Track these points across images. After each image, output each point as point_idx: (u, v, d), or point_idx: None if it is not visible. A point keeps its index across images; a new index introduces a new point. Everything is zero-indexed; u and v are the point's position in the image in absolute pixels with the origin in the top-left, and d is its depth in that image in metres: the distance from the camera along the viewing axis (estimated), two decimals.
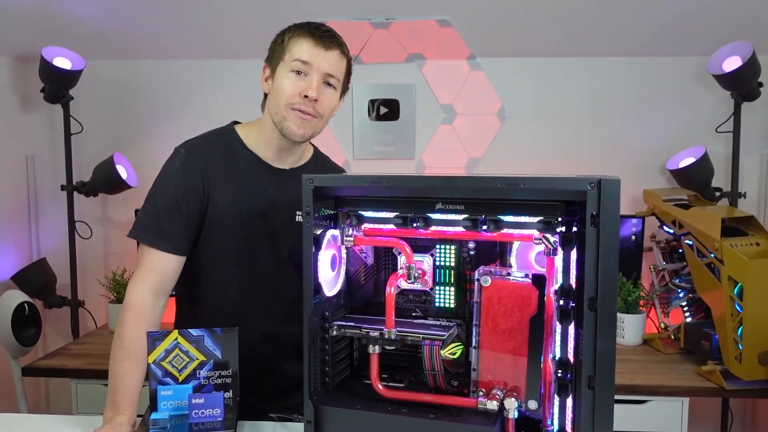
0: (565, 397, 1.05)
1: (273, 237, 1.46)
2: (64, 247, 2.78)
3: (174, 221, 1.38)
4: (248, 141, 1.48)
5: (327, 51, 1.38)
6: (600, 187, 0.95)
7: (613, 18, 2.50)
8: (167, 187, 1.40)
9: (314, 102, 1.38)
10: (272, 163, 1.48)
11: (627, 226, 2.60)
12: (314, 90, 1.37)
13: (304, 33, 1.38)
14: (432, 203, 1.11)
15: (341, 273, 1.23)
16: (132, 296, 1.36)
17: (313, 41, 1.37)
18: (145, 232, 1.38)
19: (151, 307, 1.37)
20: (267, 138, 1.47)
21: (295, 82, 1.38)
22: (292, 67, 1.37)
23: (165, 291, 1.40)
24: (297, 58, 1.37)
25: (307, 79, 1.38)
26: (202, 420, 1.22)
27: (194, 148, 1.45)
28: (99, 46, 2.70)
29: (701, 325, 2.32)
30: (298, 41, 1.38)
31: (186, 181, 1.40)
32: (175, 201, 1.38)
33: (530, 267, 1.15)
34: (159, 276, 1.38)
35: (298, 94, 1.37)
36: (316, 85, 1.37)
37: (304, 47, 1.37)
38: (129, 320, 1.34)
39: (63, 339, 2.88)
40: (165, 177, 1.42)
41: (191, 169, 1.41)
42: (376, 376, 1.14)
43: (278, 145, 1.47)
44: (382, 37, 2.68)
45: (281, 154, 1.48)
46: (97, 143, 2.83)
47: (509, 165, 2.79)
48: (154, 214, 1.38)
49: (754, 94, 2.54)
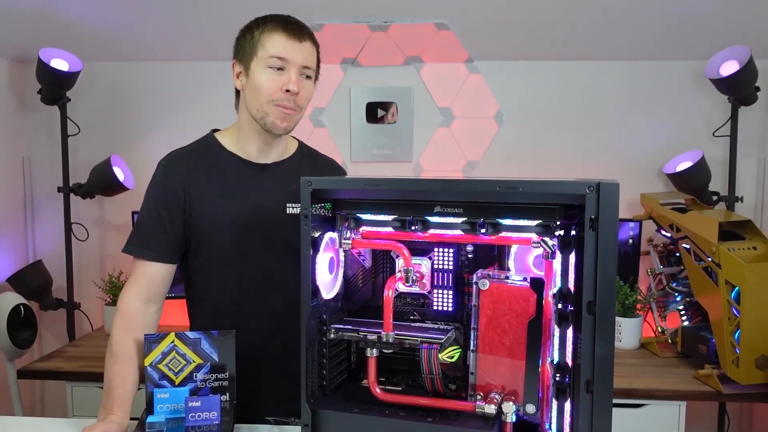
0: (563, 401, 1.05)
1: (265, 231, 1.46)
2: (60, 249, 2.77)
3: (156, 230, 1.43)
4: (228, 144, 1.51)
5: (301, 43, 1.39)
6: (599, 190, 0.95)
7: (612, 22, 2.51)
8: (150, 199, 1.46)
9: (295, 95, 1.40)
10: (255, 160, 1.50)
11: (624, 229, 2.60)
12: (295, 84, 1.38)
13: (276, 27, 1.39)
14: (430, 206, 1.11)
15: (339, 276, 1.23)
16: (121, 303, 1.42)
17: (286, 35, 1.38)
18: (131, 243, 1.45)
19: (140, 314, 1.41)
20: (246, 136, 1.48)
21: (273, 77, 1.39)
22: (269, 63, 1.38)
23: (156, 298, 1.45)
24: (273, 54, 1.38)
25: (285, 74, 1.39)
26: (198, 423, 1.21)
27: (174, 159, 1.49)
28: (96, 47, 2.69)
29: (698, 329, 2.32)
30: (270, 36, 1.39)
31: (165, 191, 1.45)
32: (156, 211, 1.44)
33: (528, 270, 1.14)
34: (147, 284, 1.43)
35: (279, 89, 1.38)
36: (295, 79, 1.39)
37: (278, 42, 1.38)
38: (118, 326, 1.40)
39: (59, 341, 2.86)
40: (149, 190, 1.48)
41: (170, 178, 1.45)
42: (373, 379, 1.14)
43: (259, 141, 1.48)
44: (380, 40, 2.68)
45: (263, 149, 1.50)
46: (94, 145, 2.82)
47: (506, 168, 2.79)
48: (139, 225, 1.46)
49: (752, 99, 2.54)
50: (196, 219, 1.45)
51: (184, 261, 1.50)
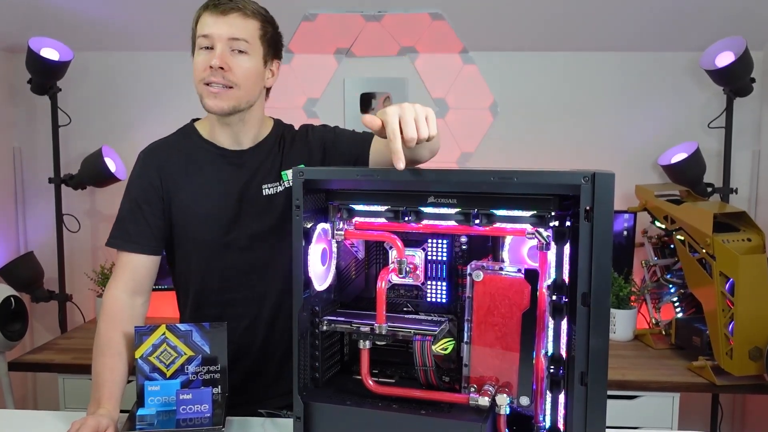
0: (557, 393, 1.04)
1: (245, 220, 1.45)
2: (51, 240, 2.75)
3: (138, 222, 1.43)
4: (205, 133, 1.49)
5: (225, 16, 1.35)
6: (594, 181, 0.94)
7: (607, 13, 2.49)
8: (131, 191, 1.46)
9: (222, 71, 1.35)
10: (230, 147, 1.47)
11: (619, 221, 2.60)
12: (218, 59, 1.34)
13: (203, 9, 1.38)
14: (424, 197, 1.09)
15: (332, 267, 1.22)
16: (106, 296, 1.42)
17: (209, 13, 1.36)
18: (113, 237, 1.45)
19: (126, 306, 1.41)
20: (214, 125, 1.47)
21: (202, 57, 1.36)
22: (199, 44, 1.37)
23: (141, 290, 1.44)
24: (200, 34, 1.36)
25: (212, 51, 1.36)
26: (189, 416, 1.20)
27: (152, 150, 1.49)
28: (87, 37, 2.66)
29: (692, 321, 2.33)
30: (200, 19, 1.38)
31: (143, 182, 1.45)
32: (136, 203, 1.44)
33: (523, 262, 1.14)
34: (131, 276, 1.43)
35: (206, 68, 1.35)
36: (219, 53, 1.34)
37: (204, 21, 1.37)
38: (104, 319, 1.40)
39: (50, 333, 2.85)
40: (129, 182, 1.49)
41: (149, 169, 1.45)
42: (366, 371, 1.13)
43: (223, 127, 1.45)
44: (374, 30, 2.66)
45: (232, 136, 1.46)
46: (85, 135, 2.80)
47: (501, 160, 2.78)
48: (120, 218, 1.46)
49: (747, 90, 2.54)
50: (175, 210, 1.45)
51: (168, 252, 1.50)
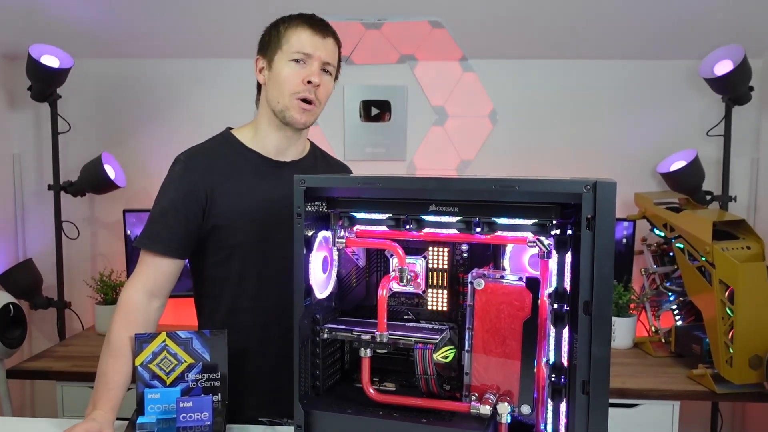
0: (558, 402, 1.04)
1: (283, 228, 1.44)
2: (50, 247, 2.74)
3: (171, 224, 1.41)
4: (247, 141, 1.51)
5: (324, 39, 1.44)
6: (596, 189, 0.94)
7: (606, 21, 2.50)
8: (168, 192, 1.44)
9: (316, 88, 1.43)
10: (274, 157, 1.50)
11: (618, 229, 2.60)
12: (317, 76, 1.42)
13: (302, 23, 1.43)
14: (425, 205, 1.09)
15: (333, 275, 1.22)
16: (123, 295, 1.39)
17: (311, 31, 1.43)
18: (142, 236, 1.42)
19: (142, 307, 1.38)
20: (265, 133, 1.50)
21: (296, 70, 1.42)
22: (293, 56, 1.42)
23: (160, 293, 1.42)
24: (297, 49, 1.42)
25: (307, 67, 1.42)
26: (190, 424, 1.20)
27: (194, 154, 1.48)
28: (87, 44, 2.67)
29: (692, 329, 2.32)
30: (296, 31, 1.42)
31: (185, 186, 1.43)
32: (173, 205, 1.42)
33: (524, 270, 1.14)
34: (152, 277, 1.40)
35: (301, 81, 1.41)
36: (316, 71, 1.42)
37: (303, 37, 1.42)
38: (118, 319, 1.37)
39: (49, 341, 2.84)
40: (166, 184, 1.46)
41: (192, 173, 1.44)
42: (367, 379, 1.13)
43: (278, 137, 1.49)
44: (373, 38, 2.67)
45: (282, 146, 1.51)
46: (84, 142, 2.79)
47: (500, 167, 2.79)
48: (152, 219, 1.43)
49: (745, 98, 2.54)
50: (216, 214, 1.44)
51: (198, 257, 1.49)
